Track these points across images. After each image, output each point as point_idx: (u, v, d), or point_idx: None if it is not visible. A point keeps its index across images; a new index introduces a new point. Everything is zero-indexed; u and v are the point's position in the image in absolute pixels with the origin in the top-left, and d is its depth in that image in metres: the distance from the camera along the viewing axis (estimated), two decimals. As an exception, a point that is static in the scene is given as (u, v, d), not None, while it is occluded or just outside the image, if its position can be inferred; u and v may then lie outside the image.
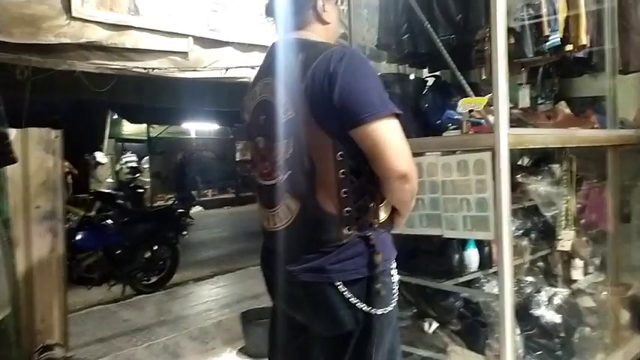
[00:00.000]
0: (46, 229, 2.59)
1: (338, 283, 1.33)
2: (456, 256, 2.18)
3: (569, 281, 2.79)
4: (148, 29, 3.25)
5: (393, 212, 1.43)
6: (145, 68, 3.10)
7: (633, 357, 2.82)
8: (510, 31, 1.94)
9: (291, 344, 1.56)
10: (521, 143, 1.93)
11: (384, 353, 1.40)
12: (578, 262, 2.75)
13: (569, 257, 2.76)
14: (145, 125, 11.10)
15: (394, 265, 1.45)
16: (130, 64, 3.14)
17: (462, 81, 1.95)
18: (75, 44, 2.93)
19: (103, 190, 8.96)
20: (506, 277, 1.86)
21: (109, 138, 11.57)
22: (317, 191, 1.32)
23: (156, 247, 5.16)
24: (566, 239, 2.67)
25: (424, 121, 2.28)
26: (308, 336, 1.51)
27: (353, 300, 1.33)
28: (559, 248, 2.66)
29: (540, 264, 2.84)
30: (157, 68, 3.15)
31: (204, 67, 3.52)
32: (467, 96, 2.01)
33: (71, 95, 3.73)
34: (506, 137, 1.82)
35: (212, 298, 4.68)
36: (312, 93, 1.28)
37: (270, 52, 1.47)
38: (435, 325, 2.18)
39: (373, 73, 1.38)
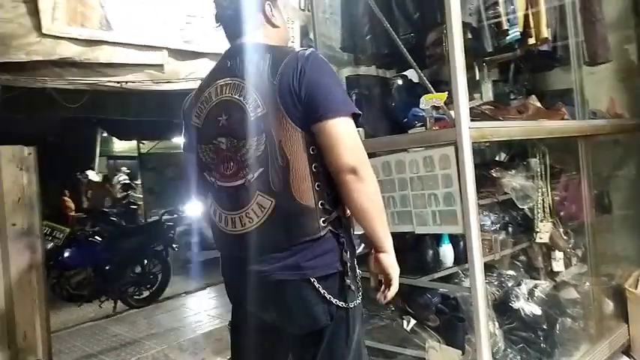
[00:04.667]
0: (24, 246, 2.58)
1: (313, 279, 1.35)
2: (430, 252, 2.19)
3: (552, 274, 2.80)
4: (121, 43, 3.26)
5: None
6: (117, 82, 3.11)
7: (620, 346, 2.82)
8: (466, 26, 1.97)
9: (260, 349, 1.55)
10: (484, 136, 1.95)
11: (354, 344, 1.43)
12: (558, 254, 2.76)
13: (548, 249, 2.77)
14: (135, 142, 11.11)
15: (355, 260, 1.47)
16: (104, 79, 3.15)
17: (422, 77, 1.97)
18: (47, 61, 2.93)
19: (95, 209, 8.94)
20: (476, 268, 1.87)
21: (101, 156, 11.58)
22: (292, 186, 1.34)
23: (146, 262, 5.15)
24: (544, 231, 2.68)
25: (392, 120, 2.30)
26: (276, 339, 1.52)
27: (327, 295, 1.35)
28: (537, 240, 2.67)
29: (522, 258, 2.86)
30: (130, 81, 3.16)
31: (180, 79, 3.53)
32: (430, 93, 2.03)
33: (47, 112, 3.72)
34: (467, 131, 1.84)
35: (203, 309, 4.66)
36: (282, 90, 1.32)
37: (229, 55, 1.49)
38: (412, 322, 2.18)
39: (335, 73, 1.44)
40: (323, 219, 1.35)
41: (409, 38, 2.08)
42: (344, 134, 1.32)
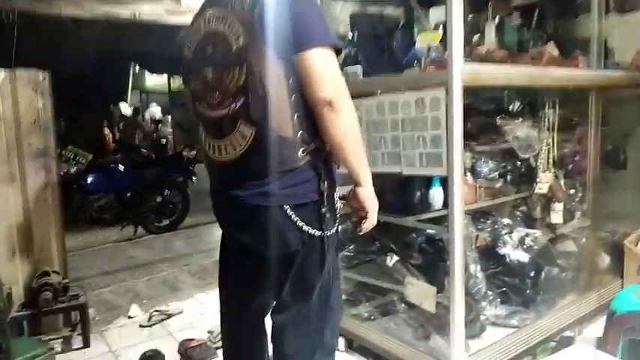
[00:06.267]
0: (40, 166, 2.74)
1: (286, 207, 1.41)
2: (418, 194, 2.22)
3: (551, 225, 2.79)
4: (139, -27, 3.27)
5: None
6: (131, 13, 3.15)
7: (610, 300, 2.84)
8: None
9: (241, 270, 1.66)
10: (478, 80, 1.91)
11: (326, 271, 1.51)
12: (557, 206, 2.74)
13: (548, 201, 2.75)
14: (166, 78, 11.23)
15: (337, 192, 1.51)
16: (120, 10, 3.19)
17: (421, 16, 1.92)
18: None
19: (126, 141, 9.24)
20: (456, 209, 1.90)
21: (133, 89, 11.78)
22: (271, 116, 1.36)
23: (166, 192, 5.37)
24: (544, 182, 2.66)
25: (393, 60, 2.27)
26: (255, 261, 1.61)
27: (299, 223, 1.42)
28: (536, 191, 2.66)
29: (523, 208, 2.86)
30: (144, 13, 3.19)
31: (197, 12, 3.54)
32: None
33: (60, 41, 3.79)
34: (459, 73, 1.81)
35: (217, 239, 4.86)
36: (263, 20, 1.33)
37: None
38: (395, 258, 2.25)
39: (317, 5, 1.47)
40: (302, 149, 1.39)
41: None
42: (321, 66, 1.33)
